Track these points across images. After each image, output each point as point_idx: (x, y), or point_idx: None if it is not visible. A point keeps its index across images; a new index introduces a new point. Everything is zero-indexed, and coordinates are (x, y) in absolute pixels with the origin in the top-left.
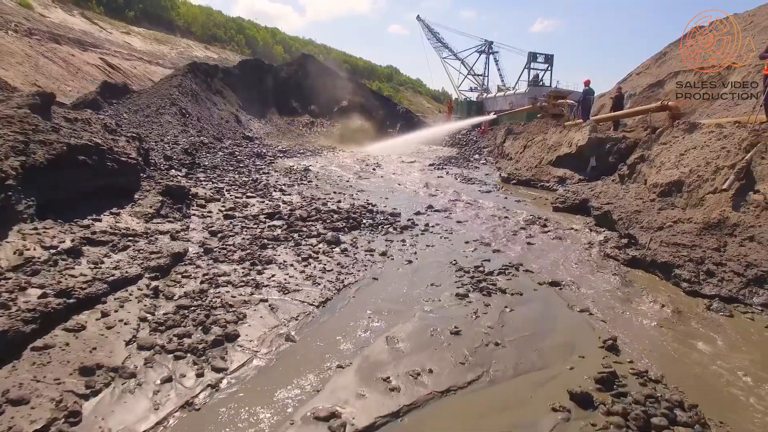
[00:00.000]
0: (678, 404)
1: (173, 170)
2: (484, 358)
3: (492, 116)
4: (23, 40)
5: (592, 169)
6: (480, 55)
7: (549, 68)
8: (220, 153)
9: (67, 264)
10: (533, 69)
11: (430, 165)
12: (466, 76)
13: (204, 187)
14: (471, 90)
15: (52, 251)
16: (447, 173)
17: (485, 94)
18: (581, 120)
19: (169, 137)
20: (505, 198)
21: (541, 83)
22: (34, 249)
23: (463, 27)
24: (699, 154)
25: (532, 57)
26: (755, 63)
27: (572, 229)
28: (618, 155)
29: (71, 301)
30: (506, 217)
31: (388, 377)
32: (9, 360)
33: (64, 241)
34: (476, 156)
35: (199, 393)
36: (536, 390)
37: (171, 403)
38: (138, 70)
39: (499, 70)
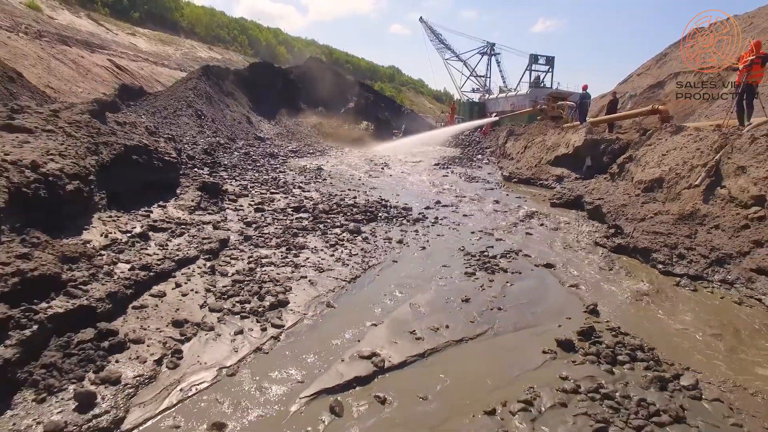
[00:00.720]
0: (639, 347)
1: (196, 169)
2: (489, 318)
3: (494, 118)
4: (35, 43)
5: (588, 169)
6: (482, 56)
7: (550, 70)
8: (236, 153)
9: (142, 246)
10: (534, 71)
11: (435, 165)
12: (468, 78)
13: (231, 184)
14: (473, 91)
15: (128, 235)
16: (452, 172)
17: (487, 95)
18: (578, 122)
19: (187, 138)
20: (507, 195)
21: (542, 85)
22: (115, 233)
23: (464, 27)
24: (678, 154)
25: (534, 59)
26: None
27: (567, 221)
28: (611, 155)
29: (151, 273)
30: (507, 212)
31: (414, 331)
32: (119, 315)
33: (135, 227)
34: (479, 156)
35: (266, 342)
36: (531, 340)
37: (245, 348)
38: (145, 72)
39: (501, 71)
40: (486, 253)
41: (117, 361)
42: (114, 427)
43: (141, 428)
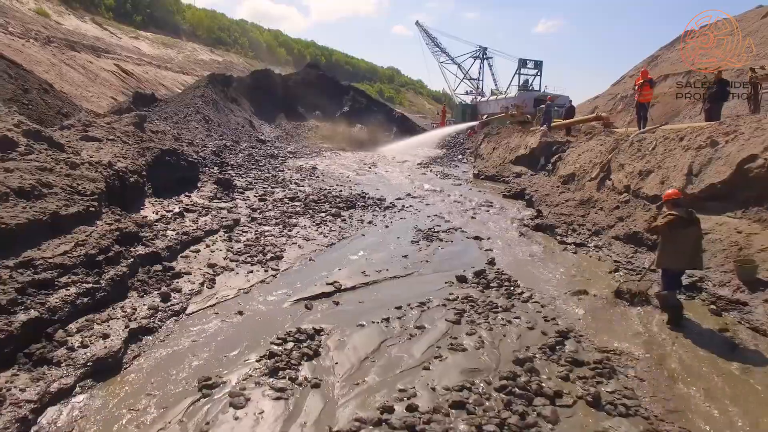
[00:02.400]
0: (508, 280)
1: (207, 168)
2: (418, 266)
3: (477, 122)
4: (46, 49)
5: (542, 167)
6: (475, 60)
7: (538, 74)
8: (241, 154)
9: (180, 221)
10: (523, 74)
11: (418, 164)
12: (462, 80)
13: (238, 180)
14: (467, 93)
15: (171, 213)
16: (430, 170)
17: (479, 98)
18: (539, 127)
19: (197, 141)
20: (470, 189)
21: (530, 88)
22: (162, 211)
23: (465, 28)
24: (588, 155)
25: (522, 63)
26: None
27: (508, 209)
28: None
29: (190, 237)
30: (464, 202)
31: (364, 271)
32: (173, 260)
33: (174, 209)
34: (460, 156)
35: (267, 277)
36: (441, 278)
37: (255, 280)
38: (149, 75)
39: (492, 74)
40: (432, 230)
41: (177, 282)
42: (182, 311)
43: (197, 313)
